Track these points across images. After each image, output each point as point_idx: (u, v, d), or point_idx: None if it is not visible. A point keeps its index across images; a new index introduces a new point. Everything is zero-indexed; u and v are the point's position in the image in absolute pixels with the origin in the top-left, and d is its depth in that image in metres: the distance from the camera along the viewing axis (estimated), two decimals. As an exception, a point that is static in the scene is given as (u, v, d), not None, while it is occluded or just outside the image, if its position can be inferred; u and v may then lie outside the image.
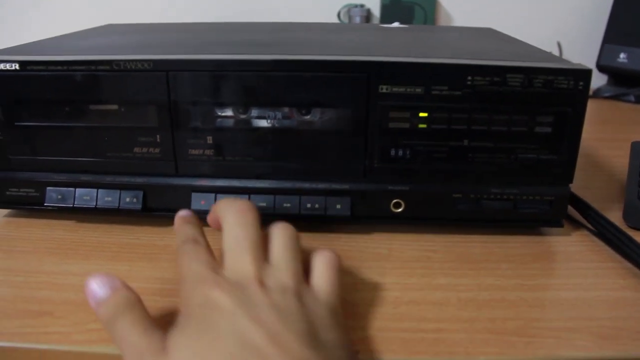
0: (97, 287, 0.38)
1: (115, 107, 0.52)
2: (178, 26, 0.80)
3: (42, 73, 0.51)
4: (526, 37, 0.68)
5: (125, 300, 0.38)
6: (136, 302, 0.38)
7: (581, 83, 0.49)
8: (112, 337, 0.37)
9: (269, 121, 0.51)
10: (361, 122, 0.51)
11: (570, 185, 0.53)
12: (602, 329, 0.42)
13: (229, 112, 0.51)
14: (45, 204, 0.55)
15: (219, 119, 0.52)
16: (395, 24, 0.88)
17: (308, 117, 0.51)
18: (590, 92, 1.13)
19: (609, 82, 1.18)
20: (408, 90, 0.49)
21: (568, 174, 0.52)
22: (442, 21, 1.25)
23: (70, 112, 0.52)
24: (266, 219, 0.53)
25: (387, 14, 1.18)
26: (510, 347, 0.40)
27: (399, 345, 0.40)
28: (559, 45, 1.22)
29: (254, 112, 0.51)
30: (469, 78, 0.49)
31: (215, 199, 0.54)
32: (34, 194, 0.56)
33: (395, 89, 0.49)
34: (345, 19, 1.22)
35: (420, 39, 0.68)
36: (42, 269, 0.49)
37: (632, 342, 0.40)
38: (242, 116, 0.51)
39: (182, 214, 0.47)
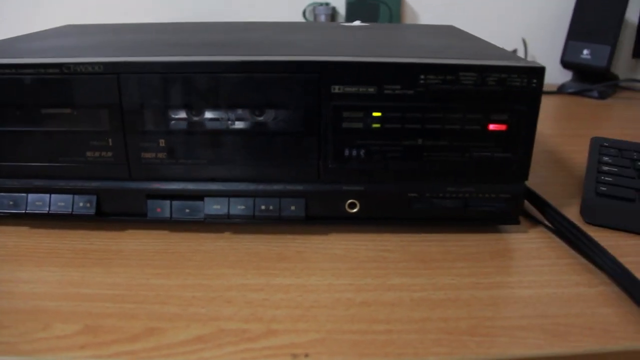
0: None
1: (66, 110, 0.51)
2: (136, 27, 0.79)
3: (-11, 77, 0.50)
4: (492, 34, 0.68)
5: None
6: None
7: (534, 81, 0.49)
8: None
9: (221, 123, 0.51)
10: (314, 122, 0.50)
11: (527, 182, 0.53)
12: (554, 326, 0.42)
13: (180, 115, 0.51)
14: (-4, 211, 0.55)
15: (171, 122, 0.51)
16: (357, 22, 0.88)
17: (261, 118, 0.51)
18: (555, 88, 1.14)
19: (573, 78, 1.19)
20: (361, 90, 0.49)
21: (523, 171, 0.52)
22: (408, 19, 1.25)
23: (20, 116, 0.51)
24: (220, 222, 0.53)
25: (353, 12, 1.18)
26: (462, 346, 0.40)
27: (349, 347, 0.40)
28: (524, 42, 1.23)
29: (207, 114, 0.51)
30: (422, 77, 0.49)
31: (171, 206, 0.53)
32: (-15, 200, 0.55)
33: (347, 89, 0.49)
34: (310, 18, 1.21)
35: (378, 37, 0.68)
36: (-8, 277, 0.48)
37: (583, 339, 0.41)
38: (195, 118, 0.51)
39: None
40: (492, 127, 0.50)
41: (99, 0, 1.23)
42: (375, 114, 0.50)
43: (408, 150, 0.51)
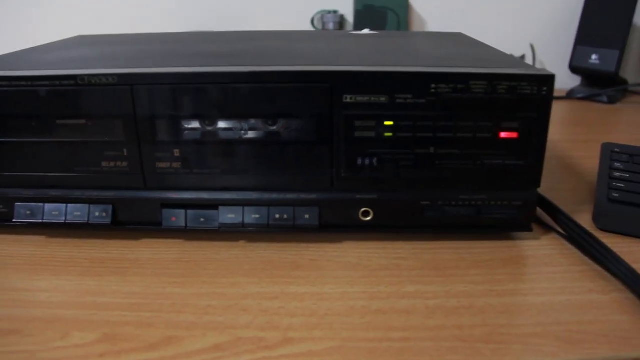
0: None
1: (81, 121, 0.52)
2: (146, 37, 0.80)
3: (5, 89, 0.51)
4: (500, 40, 0.68)
5: None
6: None
7: (545, 88, 0.49)
8: None
9: (234, 133, 0.51)
10: (327, 132, 0.51)
11: (539, 189, 0.53)
12: (568, 333, 0.42)
13: (194, 125, 0.51)
14: (14, 220, 0.55)
15: (184, 132, 0.51)
16: (365, 31, 0.88)
17: (274, 128, 0.51)
18: (564, 94, 1.14)
19: (582, 83, 1.19)
20: (372, 99, 0.49)
21: (535, 178, 0.52)
22: (415, 26, 1.25)
23: (36, 127, 0.52)
24: (235, 231, 0.54)
25: (361, 20, 1.18)
26: (476, 354, 0.40)
27: (365, 355, 0.40)
28: (532, 47, 1.23)
29: (220, 124, 0.51)
30: (433, 86, 0.49)
31: (186, 215, 0.54)
32: (3, 210, 0.55)
33: (359, 99, 0.49)
34: (319, 26, 1.22)
35: (388, 46, 0.69)
36: (11, 286, 0.49)
37: (598, 346, 0.41)
38: (209, 128, 0.51)
39: None
40: (503, 134, 0.51)
41: (103, 10, 1.24)
42: (387, 123, 0.50)
43: (420, 158, 0.51)
